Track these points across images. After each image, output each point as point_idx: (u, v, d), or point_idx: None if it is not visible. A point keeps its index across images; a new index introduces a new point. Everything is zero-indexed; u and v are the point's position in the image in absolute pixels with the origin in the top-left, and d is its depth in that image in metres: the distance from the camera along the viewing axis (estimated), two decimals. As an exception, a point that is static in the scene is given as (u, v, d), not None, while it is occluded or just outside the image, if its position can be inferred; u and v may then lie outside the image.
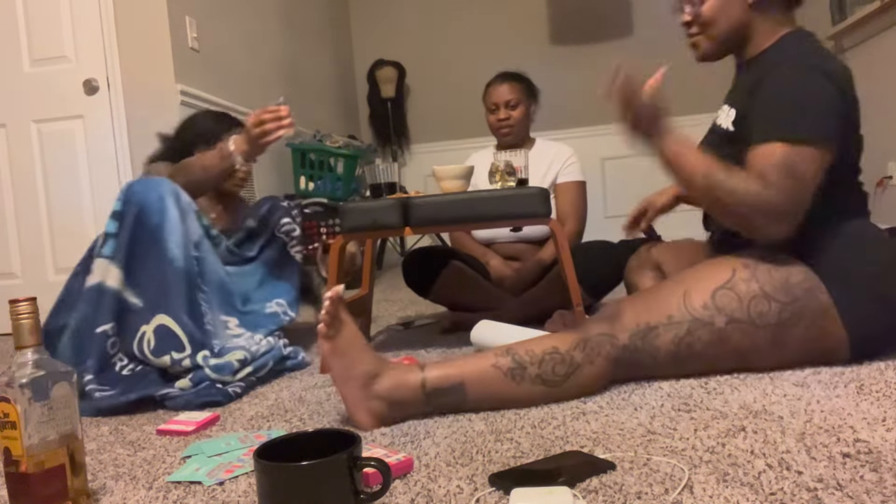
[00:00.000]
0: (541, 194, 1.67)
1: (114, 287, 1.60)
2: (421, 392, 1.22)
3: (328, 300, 1.18)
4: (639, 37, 4.66)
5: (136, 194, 1.65)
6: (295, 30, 4.18)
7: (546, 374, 1.24)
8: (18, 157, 3.06)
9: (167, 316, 1.57)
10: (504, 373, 1.23)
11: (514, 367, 1.24)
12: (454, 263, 2.27)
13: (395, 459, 0.97)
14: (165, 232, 1.62)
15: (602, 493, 0.85)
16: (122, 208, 1.64)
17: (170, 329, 1.56)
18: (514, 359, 1.24)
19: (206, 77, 3.17)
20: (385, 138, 5.01)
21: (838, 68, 1.35)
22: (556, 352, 1.25)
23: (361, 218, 1.71)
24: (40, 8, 2.98)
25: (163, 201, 1.64)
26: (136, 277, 1.62)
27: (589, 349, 1.26)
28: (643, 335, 1.29)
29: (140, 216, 1.63)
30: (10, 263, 3.11)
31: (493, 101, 2.43)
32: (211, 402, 1.46)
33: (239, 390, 1.53)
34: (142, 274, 1.61)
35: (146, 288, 1.60)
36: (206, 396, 1.47)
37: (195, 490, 0.98)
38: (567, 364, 1.25)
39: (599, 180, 4.70)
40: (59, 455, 0.89)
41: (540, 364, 1.24)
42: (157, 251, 1.61)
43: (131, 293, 1.61)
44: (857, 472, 0.85)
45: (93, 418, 1.45)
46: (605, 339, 1.28)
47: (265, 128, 1.72)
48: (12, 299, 0.89)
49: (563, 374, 1.24)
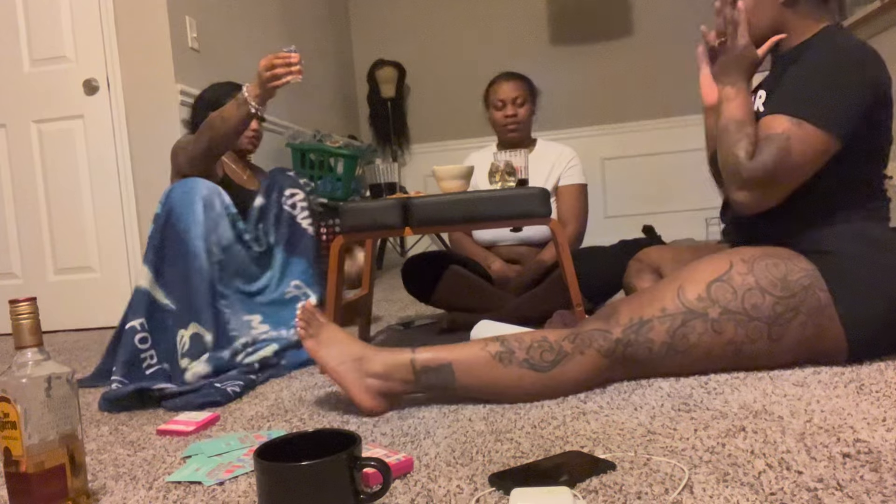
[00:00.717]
0: (541, 194, 1.67)
1: (144, 286, 1.69)
2: (411, 369, 1.26)
3: (298, 311, 1.28)
4: (639, 37, 4.66)
5: (169, 198, 1.74)
6: (295, 30, 4.18)
7: (534, 359, 1.26)
8: (18, 157, 3.06)
9: (199, 325, 1.67)
10: (492, 355, 1.26)
11: (502, 351, 1.27)
12: (453, 268, 2.28)
13: (395, 459, 0.97)
14: (192, 236, 1.71)
15: (602, 493, 0.85)
16: (159, 211, 1.75)
17: (202, 337, 1.66)
18: (504, 344, 1.28)
19: (206, 77, 3.16)
20: (385, 138, 5.01)
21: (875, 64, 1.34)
22: (546, 340, 1.28)
23: (361, 218, 1.71)
24: (40, 8, 2.98)
25: (192, 206, 1.73)
26: (165, 278, 1.70)
27: (580, 341, 1.28)
28: (637, 328, 1.30)
29: (170, 219, 1.72)
30: (10, 263, 3.11)
31: (500, 97, 2.41)
32: (210, 402, 1.47)
33: (238, 389, 1.53)
34: (171, 276, 1.70)
35: (176, 290, 1.69)
36: (205, 396, 1.48)
37: (195, 490, 0.98)
38: (555, 352, 1.27)
39: (599, 180, 4.71)
40: (59, 455, 0.89)
41: (528, 350, 1.27)
42: (184, 255, 1.70)
43: (162, 293, 1.70)
44: (857, 472, 0.85)
45: (93, 418, 1.45)
46: (598, 334, 1.29)
47: (275, 72, 1.76)
48: (12, 299, 0.89)
49: (550, 360, 1.26)
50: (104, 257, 3.03)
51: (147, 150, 2.97)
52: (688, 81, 4.37)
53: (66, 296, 3.05)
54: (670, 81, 4.47)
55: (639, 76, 4.62)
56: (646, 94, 4.62)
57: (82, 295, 3.05)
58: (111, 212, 3.01)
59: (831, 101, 1.30)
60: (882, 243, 1.35)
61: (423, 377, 1.27)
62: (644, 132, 4.67)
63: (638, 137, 4.68)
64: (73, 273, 3.06)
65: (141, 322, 1.65)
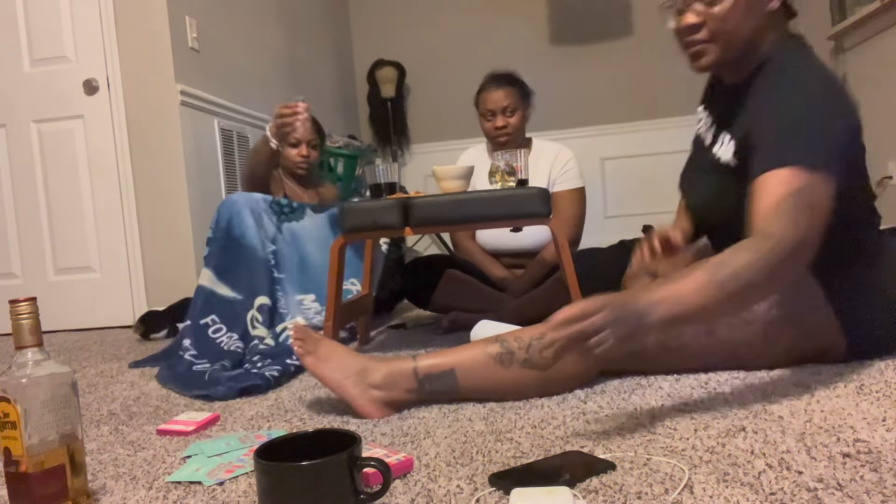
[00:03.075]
0: (541, 194, 1.67)
1: (207, 286, 2.02)
2: (413, 377, 1.26)
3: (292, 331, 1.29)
4: (639, 37, 4.66)
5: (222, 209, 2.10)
6: (295, 30, 4.18)
7: (534, 358, 1.25)
8: (18, 157, 3.06)
9: (264, 296, 2.03)
10: (493, 358, 1.26)
11: (502, 353, 1.26)
12: (450, 272, 2.27)
13: (395, 459, 0.97)
14: (248, 238, 2.07)
15: (602, 493, 0.85)
16: (215, 218, 2.10)
17: (268, 305, 2.03)
18: (503, 345, 1.27)
19: (206, 77, 3.17)
20: (385, 138, 5.01)
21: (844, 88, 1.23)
22: (544, 336, 1.26)
23: (361, 218, 1.71)
24: (40, 8, 2.98)
25: (241, 215, 2.09)
26: (228, 276, 2.03)
27: None
28: None
29: (228, 229, 2.07)
30: (10, 263, 3.11)
31: (489, 107, 2.32)
32: (251, 388, 1.54)
33: (276, 374, 1.62)
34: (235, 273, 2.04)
35: (240, 282, 2.03)
36: (245, 381, 1.56)
37: (195, 490, 0.98)
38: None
39: (599, 180, 4.70)
40: (59, 455, 0.89)
41: (528, 349, 1.26)
42: (244, 254, 2.06)
43: (227, 288, 2.02)
44: (857, 472, 0.85)
45: (92, 418, 1.45)
46: None
47: (284, 120, 2.05)
48: (12, 299, 0.89)
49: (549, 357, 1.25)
50: (104, 257, 3.03)
51: (147, 150, 2.97)
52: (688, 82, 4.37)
53: (66, 296, 3.05)
54: (670, 81, 4.46)
55: (639, 76, 4.61)
56: (646, 94, 4.61)
57: (82, 295, 3.05)
58: (111, 212, 3.01)
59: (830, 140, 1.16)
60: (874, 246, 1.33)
61: (427, 384, 1.27)
62: (644, 132, 4.66)
63: (638, 137, 4.67)
64: (73, 273, 3.06)
65: (212, 318, 1.96)
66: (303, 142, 2.47)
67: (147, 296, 3.00)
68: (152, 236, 2.99)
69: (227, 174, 3.24)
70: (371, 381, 1.26)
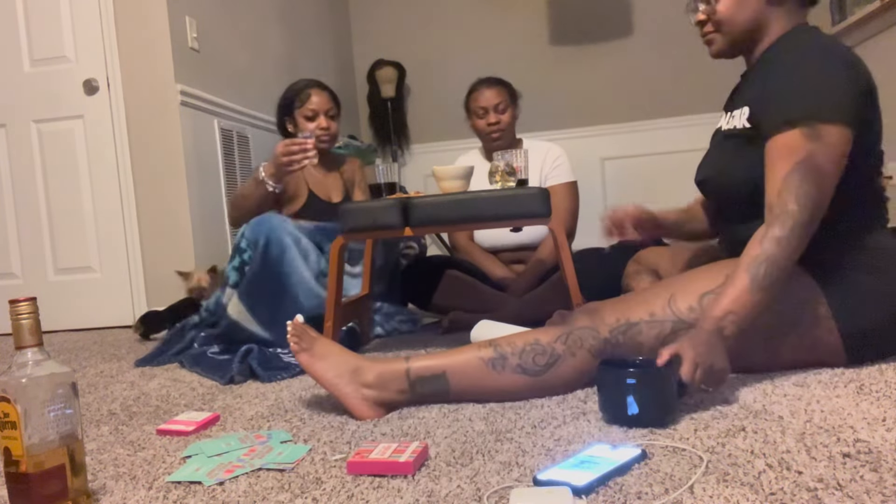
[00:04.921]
0: (541, 194, 1.67)
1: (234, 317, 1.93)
2: (405, 379, 1.27)
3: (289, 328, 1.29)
4: (639, 37, 4.65)
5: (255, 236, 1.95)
6: (295, 30, 4.17)
7: (526, 364, 1.26)
8: (18, 157, 3.06)
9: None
10: (485, 362, 1.26)
11: (495, 357, 1.26)
12: (450, 272, 2.27)
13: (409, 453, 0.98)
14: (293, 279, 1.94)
15: (602, 493, 0.85)
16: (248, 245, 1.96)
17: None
18: (496, 349, 1.27)
19: (206, 77, 3.17)
20: (385, 138, 5.00)
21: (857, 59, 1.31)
22: (538, 343, 1.27)
23: (361, 218, 1.71)
24: (40, 8, 2.98)
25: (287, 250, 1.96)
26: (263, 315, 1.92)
27: (571, 342, 1.27)
28: (624, 330, 1.28)
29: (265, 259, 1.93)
30: (10, 263, 3.11)
31: (482, 105, 2.42)
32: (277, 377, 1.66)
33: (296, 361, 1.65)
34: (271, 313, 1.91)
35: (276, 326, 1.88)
36: (271, 370, 1.68)
37: (195, 490, 0.98)
38: (548, 355, 1.26)
39: (599, 180, 4.70)
40: (59, 455, 0.89)
41: (521, 354, 1.26)
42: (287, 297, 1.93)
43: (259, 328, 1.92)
44: (857, 472, 0.85)
45: (92, 418, 1.45)
46: (588, 332, 1.28)
47: (292, 158, 1.93)
48: (12, 299, 0.89)
49: (543, 364, 1.26)
50: (104, 257, 3.03)
51: (147, 150, 2.97)
52: (688, 81, 4.37)
53: (66, 296, 3.05)
54: (670, 81, 4.46)
55: (639, 76, 4.61)
56: (646, 94, 4.61)
57: (82, 295, 3.05)
58: (111, 212, 3.01)
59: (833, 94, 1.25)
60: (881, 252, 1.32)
61: (418, 386, 1.27)
62: (644, 132, 4.66)
63: (638, 137, 4.67)
64: (73, 273, 3.06)
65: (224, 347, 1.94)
66: (320, 113, 2.31)
67: (147, 296, 3.00)
68: (152, 236, 2.99)
69: (227, 174, 3.24)
70: (364, 380, 1.27)
